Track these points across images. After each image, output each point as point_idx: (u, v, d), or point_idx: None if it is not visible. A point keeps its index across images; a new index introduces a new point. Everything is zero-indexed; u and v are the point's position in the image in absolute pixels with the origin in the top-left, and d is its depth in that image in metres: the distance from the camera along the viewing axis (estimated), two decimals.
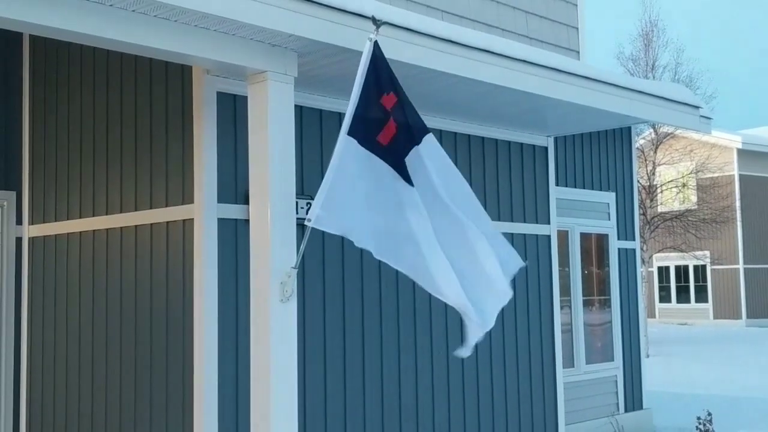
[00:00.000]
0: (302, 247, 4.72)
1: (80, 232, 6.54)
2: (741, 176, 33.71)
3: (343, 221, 4.54)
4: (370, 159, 4.57)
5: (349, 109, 4.52)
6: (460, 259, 4.73)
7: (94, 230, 6.41)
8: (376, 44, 4.64)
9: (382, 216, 4.62)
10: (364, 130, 4.55)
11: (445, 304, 7.03)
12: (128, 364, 6.02)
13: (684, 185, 27.10)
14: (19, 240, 7.02)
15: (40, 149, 6.99)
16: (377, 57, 4.62)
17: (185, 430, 5.52)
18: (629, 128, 10.65)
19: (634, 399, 10.36)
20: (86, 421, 6.36)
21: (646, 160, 23.38)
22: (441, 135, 7.19)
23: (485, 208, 7.46)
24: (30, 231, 7.00)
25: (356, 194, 4.55)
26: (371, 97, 4.57)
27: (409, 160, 4.68)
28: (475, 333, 4.76)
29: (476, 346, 7.22)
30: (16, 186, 7.04)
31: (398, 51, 5.27)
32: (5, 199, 6.99)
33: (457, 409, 7.10)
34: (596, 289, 10.16)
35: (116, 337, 6.14)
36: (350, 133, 4.50)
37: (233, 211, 5.65)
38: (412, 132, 4.73)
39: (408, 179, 4.64)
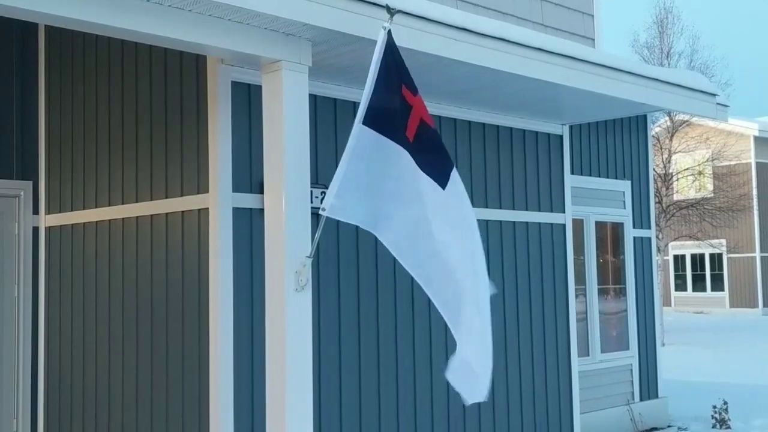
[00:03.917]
0: (317, 236, 4.72)
1: (96, 221, 6.57)
2: (758, 164, 33.52)
3: (357, 210, 4.54)
4: (392, 149, 4.54)
5: (364, 99, 4.51)
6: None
7: (110, 220, 6.44)
8: (389, 33, 4.62)
9: (397, 206, 4.61)
10: (383, 120, 4.52)
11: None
12: (144, 353, 6.05)
13: (700, 173, 26.95)
14: (35, 230, 7.06)
15: (56, 139, 7.02)
16: (391, 47, 4.60)
17: (201, 419, 5.55)
18: (645, 116, 10.60)
19: (649, 388, 10.34)
20: (103, 409, 6.40)
21: (661, 148, 23.26)
22: (455, 124, 7.18)
23: (500, 198, 7.51)
24: (46, 221, 7.04)
25: (371, 183, 4.54)
26: (388, 87, 4.55)
27: (454, 176, 4.61)
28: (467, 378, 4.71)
29: (491, 336, 7.24)
30: (32, 176, 7.08)
31: (413, 40, 5.26)
32: (22, 189, 7.03)
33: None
34: (611, 278, 10.14)
35: (132, 327, 6.17)
36: (365, 122, 4.49)
37: (248, 200, 5.66)
38: (446, 150, 4.70)
39: (442, 181, 4.54)
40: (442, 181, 4.56)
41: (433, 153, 4.61)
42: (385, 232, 4.61)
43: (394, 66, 4.58)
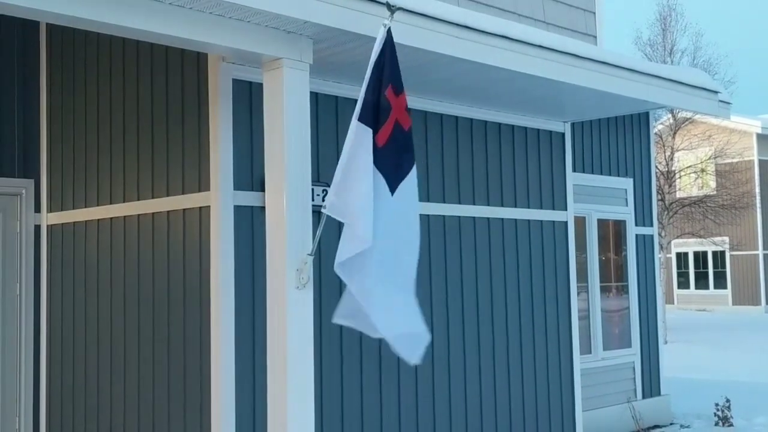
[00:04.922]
0: (318, 233, 4.72)
1: (98, 219, 6.57)
2: (760, 161, 33.46)
3: (353, 210, 4.52)
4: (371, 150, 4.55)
5: (361, 96, 4.51)
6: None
7: (111, 218, 6.44)
8: (389, 31, 4.61)
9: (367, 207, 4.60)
10: (372, 118, 4.53)
11: (462, 291, 7.05)
12: (146, 351, 6.05)
13: (703, 171, 26.91)
14: (37, 228, 7.06)
15: (58, 137, 7.02)
16: (387, 45, 4.59)
17: (203, 418, 5.55)
18: (647, 113, 10.58)
19: (651, 385, 10.33)
20: (105, 407, 6.41)
21: (664, 146, 23.23)
22: (457, 121, 7.17)
23: (501, 196, 7.50)
24: (48, 219, 7.04)
25: (366, 182, 4.53)
26: (378, 86, 4.55)
27: (408, 178, 4.61)
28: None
29: (492, 333, 7.26)
30: (34, 174, 7.08)
31: (414, 37, 5.25)
32: (23, 187, 7.04)
33: (473, 394, 7.10)
34: (614, 276, 10.13)
35: (134, 325, 6.17)
36: (360, 119, 4.49)
37: (249, 198, 5.66)
38: (412, 150, 4.69)
39: (392, 186, 4.55)
40: (393, 185, 4.55)
41: (397, 156, 4.58)
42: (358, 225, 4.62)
43: (386, 65, 4.56)
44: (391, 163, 4.56)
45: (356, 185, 4.48)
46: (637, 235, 10.34)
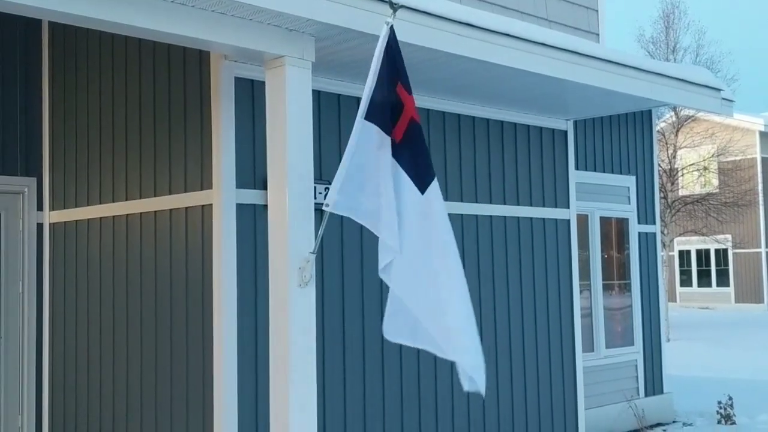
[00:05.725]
0: (320, 232, 4.72)
1: (100, 218, 6.58)
2: (763, 159, 33.43)
3: (359, 206, 4.51)
4: (387, 148, 4.52)
5: (366, 94, 4.50)
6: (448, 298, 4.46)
7: (113, 216, 6.44)
8: (392, 29, 4.60)
9: (389, 207, 4.57)
10: (382, 117, 4.52)
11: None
12: (148, 349, 6.05)
13: (705, 168, 26.90)
14: (39, 226, 7.06)
15: (60, 135, 7.03)
16: (392, 43, 4.58)
17: (205, 416, 5.55)
18: (650, 111, 10.58)
19: (654, 383, 10.33)
20: (107, 405, 6.41)
21: (666, 144, 23.22)
22: (459, 119, 7.16)
23: (504, 193, 7.50)
24: (50, 217, 7.04)
25: (371, 180, 4.52)
26: (388, 83, 4.54)
27: (434, 184, 4.51)
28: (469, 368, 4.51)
29: (495, 331, 7.25)
30: (36, 172, 7.08)
31: (416, 35, 5.25)
32: (26, 186, 7.04)
33: (476, 393, 7.09)
34: (616, 274, 10.13)
35: (136, 323, 6.17)
36: (367, 117, 4.48)
37: (252, 196, 5.66)
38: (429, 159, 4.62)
39: (420, 186, 4.45)
40: (421, 186, 4.47)
41: (418, 156, 4.53)
42: (382, 230, 4.56)
43: (394, 62, 4.56)
44: (413, 161, 4.50)
45: (371, 185, 4.46)
46: (639, 233, 10.33)
